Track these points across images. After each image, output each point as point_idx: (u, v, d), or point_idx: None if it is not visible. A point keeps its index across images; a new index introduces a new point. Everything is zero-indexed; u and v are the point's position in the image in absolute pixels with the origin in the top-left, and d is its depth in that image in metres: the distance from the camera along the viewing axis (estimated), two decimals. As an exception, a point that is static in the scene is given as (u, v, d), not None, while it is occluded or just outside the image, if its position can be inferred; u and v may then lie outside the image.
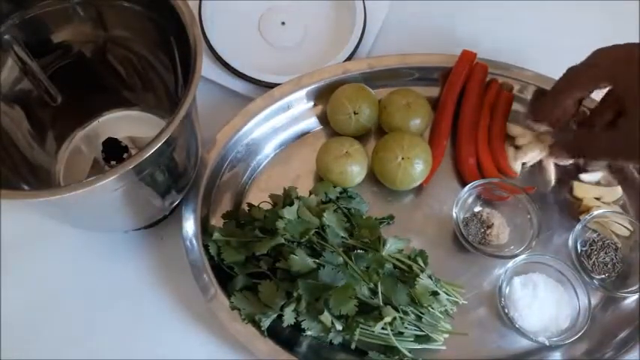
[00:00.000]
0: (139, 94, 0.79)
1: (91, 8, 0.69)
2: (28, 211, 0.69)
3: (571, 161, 0.77)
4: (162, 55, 0.71)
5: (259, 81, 0.82)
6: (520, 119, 0.80)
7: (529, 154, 0.77)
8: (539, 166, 0.79)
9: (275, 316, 0.66)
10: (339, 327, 0.64)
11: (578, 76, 0.70)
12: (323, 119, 0.81)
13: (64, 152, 0.78)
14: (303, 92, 0.80)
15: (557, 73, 0.79)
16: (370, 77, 0.81)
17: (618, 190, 0.77)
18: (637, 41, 0.66)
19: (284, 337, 0.67)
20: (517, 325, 0.69)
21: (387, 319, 0.63)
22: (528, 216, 0.73)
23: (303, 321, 0.65)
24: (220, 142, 0.75)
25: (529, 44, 0.88)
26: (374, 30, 0.87)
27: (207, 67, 0.83)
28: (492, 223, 0.74)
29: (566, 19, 0.91)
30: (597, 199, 0.76)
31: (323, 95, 0.80)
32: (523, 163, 0.78)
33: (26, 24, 0.67)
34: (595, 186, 0.77)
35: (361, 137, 0.79)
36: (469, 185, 0.74)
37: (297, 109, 0.80)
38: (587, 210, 0.75)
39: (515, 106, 0.80)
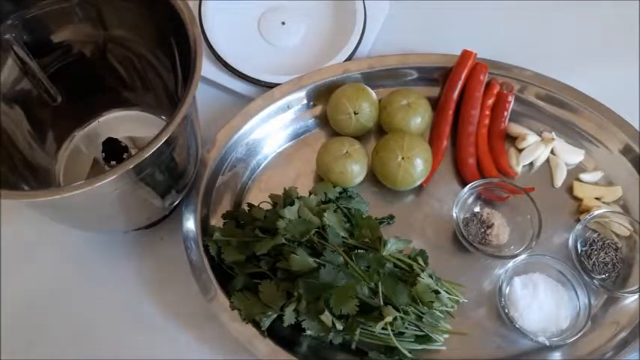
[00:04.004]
0: (139, 94, 0.79)
1: (91, 8, 0.69)
2: (28, 211, 0.69)
3: (578, 160, 0.77)
4: (162, 55, 0.71)
5: (259, 81, 0.82)
6: (520, 119, 0.80)
7: (532, 155, 0.78)
8: (540, 166, 0.79)
9: (275, 316, 0.66)
10: (339, 327, 0.64)
11: None
12: (323, 119, 0.81)
13: (64, 152, 0.78)
14: (303, 92, 0.80)
15: (556, 73, 0.79)
16: (370, 77, 0.81)
17: (618, 190, 0.77)
18: (637, 42, 0.66)
19: (284, 337, 0.67)
20: (517, 325, 0.68)
21: (388, 319, 0.63)
22: (528, 216, 0.73)
23: (303, 321, 0.65)
24: (220, 142, 0.75)
25: (529, 44, 0.88)
26: (374, 30, 0.87)
27: (207, 67, 0.83)
28: (492, 223, 0.74)
29: (567, 20, 0.91)
30: (597, 199, 0.76)
31: (323, 95, 0.80)
32: (529, 164, 0.79)
33: (26, 24, 0.67)
34: (595, 186, 0.77)
35: (361, 137, 0.79)
36: (469, 185, 0.74)
37: (297, 109, 0.81)
38: (587, 210, 0.75)
39: (515, 106, 0.80)
